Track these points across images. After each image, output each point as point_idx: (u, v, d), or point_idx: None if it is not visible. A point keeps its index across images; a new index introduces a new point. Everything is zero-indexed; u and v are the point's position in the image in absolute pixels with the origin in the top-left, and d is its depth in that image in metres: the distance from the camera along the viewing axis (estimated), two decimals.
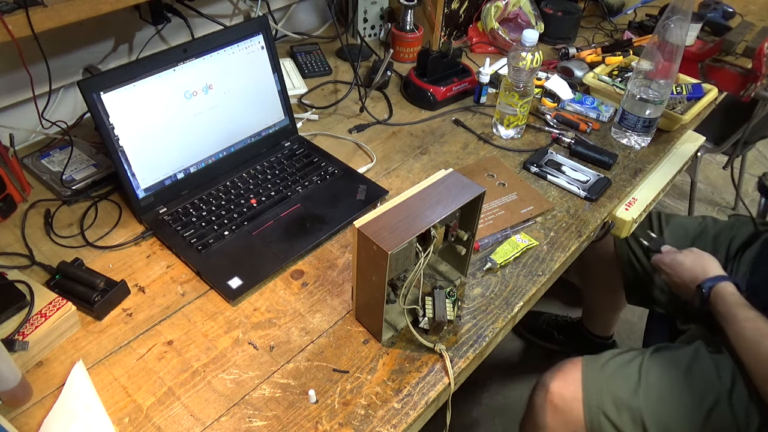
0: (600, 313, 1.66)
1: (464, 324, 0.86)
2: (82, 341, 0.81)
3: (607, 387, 1.04)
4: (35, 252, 0.92)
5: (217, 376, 0.77)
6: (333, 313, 0.86)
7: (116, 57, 1.22)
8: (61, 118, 1.11)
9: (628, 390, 1.03)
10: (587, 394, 1.05)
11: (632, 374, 1.04)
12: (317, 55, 1.45)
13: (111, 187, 1.05)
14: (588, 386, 1.05)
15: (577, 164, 1.16)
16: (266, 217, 0.99)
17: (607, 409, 1.03)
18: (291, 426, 0.72)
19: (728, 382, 0.99)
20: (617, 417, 1.02)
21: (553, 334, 1.77)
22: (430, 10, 1.46)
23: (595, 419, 1.04)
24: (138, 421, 0.72)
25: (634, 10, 1.74)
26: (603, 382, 1.05)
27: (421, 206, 0.76)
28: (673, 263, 1.13)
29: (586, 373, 1.07)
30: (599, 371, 1.07)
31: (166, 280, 0.90)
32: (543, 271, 0.95)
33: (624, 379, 1.04)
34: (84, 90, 0.88)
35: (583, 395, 1.05)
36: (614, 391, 1.03)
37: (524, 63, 1.12)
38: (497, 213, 1.04)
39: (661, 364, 1.04)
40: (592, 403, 1.04)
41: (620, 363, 1.07)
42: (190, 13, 1.25)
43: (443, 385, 0.78)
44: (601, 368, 1.07)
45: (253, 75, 1.08)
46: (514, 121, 1.21)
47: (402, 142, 1.22)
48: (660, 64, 1.11)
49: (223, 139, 1.06)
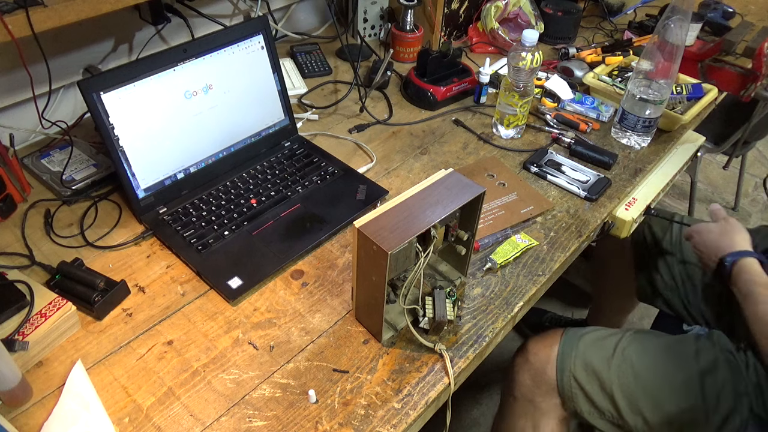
0: (607, 314, 1.66)
1: (464, 324, 0.86)
2: (82, 341, 0.81)
3: (581, 354, 1.07)
4: (35, 252, 0.92)
5: (217, 376, 0.77)
6: (333, 313, 0.86)
7: (116, 57, 1.22)
8: (61, 118, 1.11)
9: (600, 359, 1.05)
10: (562, 357, 1.07)
11: (608, 347, 1.06)
12: (317, 55, 1.45)
13: (111, 187, 1.05)
14: (564, 351, 1.08)
15: (577, 164, 1.16)
16: (266, 217, 0.99)
17: (577, 374, 1.05)
18: (291, 426, 0.72)
19: (705, 365, 1.00)
20: (587, 383, 1.05)
21: None
22: (430, 10, 1.46)
23: (567, 382, 1.06)
24: (138, 421, 0.72)
25: (634, 10, 1.74)
26: (578, 349, 1.07)
27: (421, 206, 0.76)
28: (702, 229, 1.11)
29: (564, 339, 1.10)
30: (577, 339, 1.09)
31: (166, 280, 0.90)
32: (543, 271, 0.95)
33: (599, 350, 1.06)
34: (84, 90, 0.88)
35: (558, 357, 1.08)
36: (587, 358, 1.06)
37: (524, 63, 1.12)
38: (497, 213, 1.04)
39: (640, 340, 1.06)
40: (565, 366, 1.07)
41: (600, 336, 1.10)
42: (190, 13, 1.25)
43: (443, 385, 0.78)
44: (579, 337, 1.09)
45: (253, 75, 1.08)
46: (514, 121, 1.21)
47: (402, 142, 1.22)
48: (660, 64, 1.11)
49: (223, 139, 1.06)
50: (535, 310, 1.79)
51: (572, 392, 1.06)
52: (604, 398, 1.03)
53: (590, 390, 1.04)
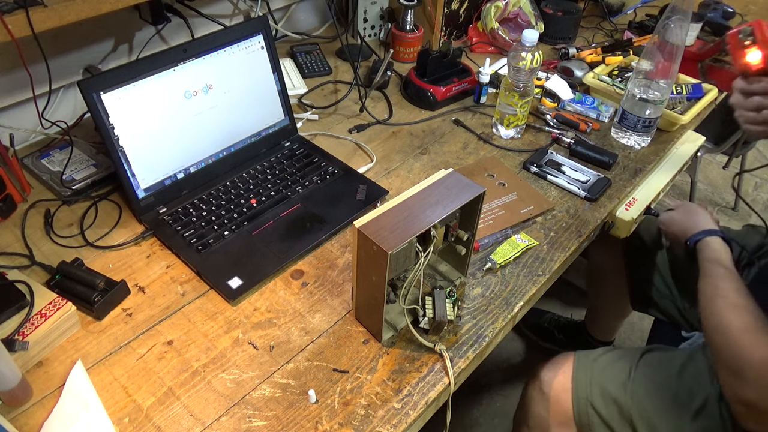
0: (604, 318, 1.65)
1: (464, 324, 0.86)
2: (82, 341, 0.81)
3: (596, 380, 1.04)
4: (35, 252, 0.92)
5: (217, 376, 0.77)
6: (333, 313, 0.86)
7: (116, 57, 1.22)
8: (61, 118, 1.11)
9: (617, 385, 1.02)
10: (577, 385, 1.05)
11: (623, 370, 1.04)
12: (317, 55, 1.45)
13: (111, 187, 1.05)
14: (578, 378, 1.06)
15: (577, 164, 1.16)
16: (266, 217, 0.99)
17: (595, 402, 1.03)
18: (291, 426, 0.72)
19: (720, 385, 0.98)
20: (605, 410, 1.02)
21: (554, 333, 1.76)
22: (430, 10, 1.46)
23: (584, 411, 1.04)
24: (138, 421, 0.72)
25: (634, 10, 1.74)
26: (593, 375, 1.05)
27: (421, 206, 0.76)
28: (667, 219, 1.13)
29: (577, 366, 1.07)
30: (590, 365, 1.07)
31: (166, 280, 0.90)
32: (543, 271, 0.95)
33: (614, 374, 1.04)
34: (84, 90, 0.88)
35: (573, 386, 1.05)
36: (603, 384, 1.03)
37: (524, 63, 1.12)
38: (497, 213, 1.04)
39: (653, 362, 1.04)
40: (581, 395, 1.04)
41: (612, 358, 1.07)
42: (190, 13, 1.25)
43: (443, 385, 0.78)
44: (592, 362, 1.07)
45: (253, 75, 1.08)
46: (514, 121, 1.21)
47: (402, 142, 1.22)
48: (660, 64, 1.11)
49: (223, 139, 1.06)
50: (534, 311, 1.79)
51: (590, 420, 1.03)
52: (623, 423, 1.01)
53: (608, 416, 1.02)
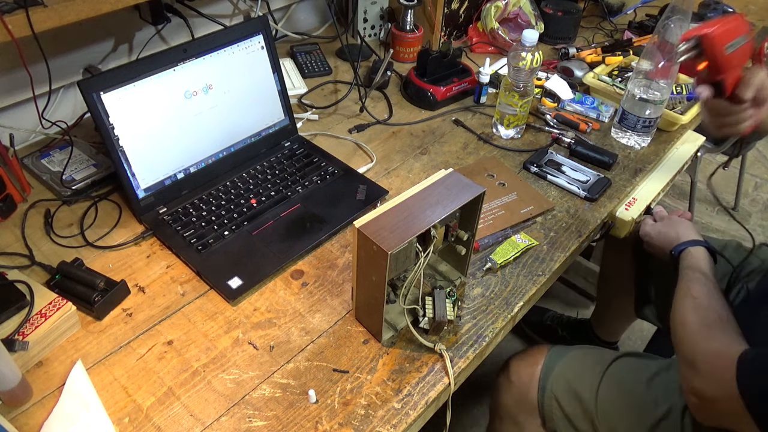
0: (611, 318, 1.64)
1: (464, 324, 0.86)
2: (82, 341, 0.81)
3: (565, 375, 1.03)
4: (35, 252, 0.92)
5: (217, 376, 0.77)
6: (333, 313, 0.86)
7: (116, 57, 1.22)
8: (61, 118, 1.11)
9: (584, 383, 1.01)
10: (544, 377, 1.04)
11: (593, 370, 1.02)
12: (317, 55, 1.45)
13: (111, 187, 1.05)
14: (547, 370, 1.05)
15: (577, 164, 1.16)
16: (266, 217, 0.99)
17: (560, 396, 1.02)
18: (291, 426, 0.72)
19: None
20: (568, 405, 1.01)
21: (557, 331, 1.75)
22: (430, 10, 1.46)
23: (548, 403, 1.03)
24: (138, 421, 0.72)
25: (634, 10, 1.74)
26: (563, 370, 1.04)
27: (421, 206, 0.76)
28: (650, 231, 1.11)
29: (548, 358, 1.06)
30: (562, 360, 1.06)
31: (166, 280, 0.90)
32: (543, 271, 0.95)
33: (584, 373, 1.03)
34: (84, 90, 0.88)
35: (540, 377, 1.04)
36: (571, 380, 1.02)
37: (524, 63, 1.12)
38: (497, 213, 1.04)
39: (626, 366, 1.02)
40: (547, 386, 1.03)
41: (585, 357, 1.06)
42: (190, 13, 1.25)
43: (443, 385, 0.78)
44: (565, 358, 1.06)
45: (253, 75, 1.08)
46: (514, 121, 1.21)
47: (402, 142, 1.22)
48: (660, 64, 1.11)
49: (223, 139, 1.06)
50: (535, 309, 1.79)
51: (552, 413, 1.03)
52: (585, 421, 0.99)
53: (570, 412, 1.01)
